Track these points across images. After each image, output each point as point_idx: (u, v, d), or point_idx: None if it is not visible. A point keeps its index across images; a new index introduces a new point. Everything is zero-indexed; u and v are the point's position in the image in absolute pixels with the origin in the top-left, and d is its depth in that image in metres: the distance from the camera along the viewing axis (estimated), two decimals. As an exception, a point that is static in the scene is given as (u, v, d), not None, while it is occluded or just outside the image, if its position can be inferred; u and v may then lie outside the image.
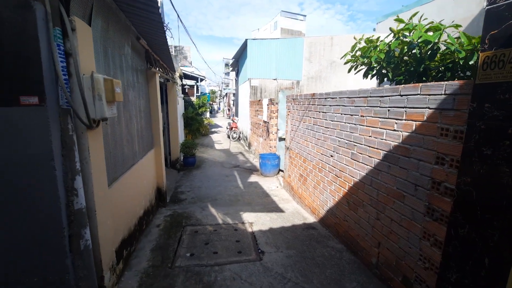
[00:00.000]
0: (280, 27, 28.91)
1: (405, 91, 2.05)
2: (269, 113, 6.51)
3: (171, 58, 4.56)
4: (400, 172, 2.11)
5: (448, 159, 1.70)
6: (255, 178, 5.90)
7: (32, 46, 1.28)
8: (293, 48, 9.30)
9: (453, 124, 1.66)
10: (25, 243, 1.42)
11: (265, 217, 3.75)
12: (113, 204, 2.14)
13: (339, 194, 3.05)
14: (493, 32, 1.40)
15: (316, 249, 2.89)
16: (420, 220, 1.92)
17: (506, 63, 1.35)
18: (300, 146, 4.22)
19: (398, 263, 2.14)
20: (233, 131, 11.26)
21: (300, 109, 4.23)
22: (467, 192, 1.55)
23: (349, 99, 2.83)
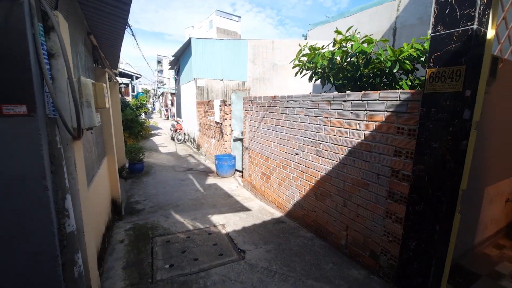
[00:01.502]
0: (216, 27, 28.77)
1: (365, 96, 2.45)
2: (222, 114, 6.53)
3: (118, 55, 4.14)
4: (364, 165, 2.51)
5: (404, 152, 2.13)
6: (213, 180, 5.86)
7: (20, 45, 1.07)
8: (238, 49, 9.47)
9: (407, 124, 2.10)
10: (15, 278, 1.17)
11: (234, 218, 3.82)
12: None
13: (306, 188, 3.37)
14: (436, 53, 1.84)
15: (290, 240, 3.14)
16: (383, 202, 2.34)
17: (446, 78, 1.79)
18: (262, 146, 4.42)
19: (365, 241, 2.54)
20: (178, 133, 10.77)
21: (259, 111, 4.42)
22: (420, 177, 1.99)
23: (313, 102, 3.15)
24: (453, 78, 1.76)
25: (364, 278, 2.42)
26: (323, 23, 11.00)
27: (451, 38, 1.75)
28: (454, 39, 1.74)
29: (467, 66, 1.69)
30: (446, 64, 1.79)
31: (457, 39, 1.73)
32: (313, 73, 4.79)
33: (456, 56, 1.73)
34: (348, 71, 4.34)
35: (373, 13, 8.48)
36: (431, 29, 1.88)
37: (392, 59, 3.67)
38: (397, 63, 3.64)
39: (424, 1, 6.98)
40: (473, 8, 1.63)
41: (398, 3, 7.75)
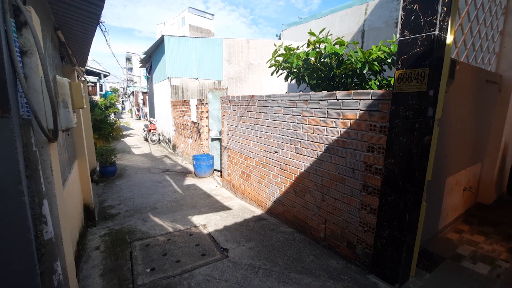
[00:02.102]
0: (189, 24, 28.11)
1: (340, 96, 2.58)
2: (199, 114, 6.44)
3: (87, 52, 3.92)
4: (340, 160, 2.65)
5: (377, 147, 2.29)
6: (191, 180, 5.77)
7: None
8: (213, 48, 9.37)
9: (379, 121, 2.25)
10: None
11: (215, 217, 3.81)
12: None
13: (286, 185, 3.46)
14: (403, 56, 2.01)
15: (272, 236, 3.22)
16: (358, 195, 2.49)
17: (412, 79, 1.96)
18: (240, 145, 4.45)
19: (343, 232, 2.69)
20: (152, 134, 10.40)
21: (238, 110, 4.44)
22: (391, 170, 2.16)
23: (291, 101, 3.24)
24: (418, 79, 1.93)
25: (342, 267, 2.56)
26: (296, 24, 11.26)
27: (416, 43, 1.92)
28: (419, 43, 1.91)
29: (430, 68, 1.87)
30: (412, 66, 1.96)
31: (421, 44, 1.90)
32: (288, 72, 4.93)
33: (421, 59, 1.90)
34: (322, 71, 4.53)
35: (343, 15, 8.85)
36: (398, 33, 2.04)
37: (362, 61, 3.89)
38: (367, 65, 3.87)
39: (389, 6, 7.44)
40: (435, 15, 1.80)
41: (366, 7, 8.17)
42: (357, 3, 8.40)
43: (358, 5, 8.42)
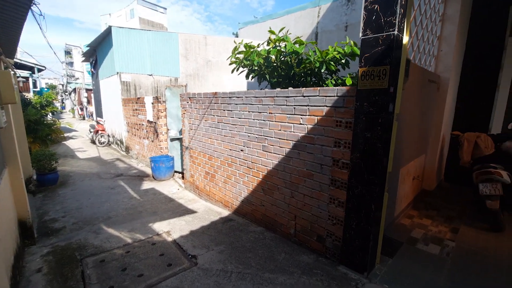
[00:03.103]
0: (139, 17, 26.20)
1: (307, 92, 2.61)
2: (156, 113, 6.01)
3: (17, 40, 3.31)
4: (308, 156, 2.68)
5: (343, 142, 2.36)
6: (149, 184, 5.35)
7: None
8: (168, 43, 8.84)
9: (344, 117, 2.33)
10: None
11: (180, 222, 3.58)
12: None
13: (254, 183, 3.40)
14: (366, 54, 2.09)
15: (242, 237, 3.13)
16: (327, 190, 2.55)
17: (375, 76, 2.05)
18: (204, 144, 4.26)
19: (313, 227, 2.73)
20: (100, 135, 9.41)
21: (200, 108, 4.24)
22: (357, 163, 2.25)
23: (256, 98, 3.18)
24: (380, 77, 2.03)
25: (314, 261, 2.61)
26: (253, 23, 11.30)
27: (378, 41, 2.02)
28: (380, 42, 2.00)
29: (390, 66, 1.98)
30: (374, 64, 2.05)
31: (382, 43, 2.00)
32: (250, 70, 4.87)
33: (382, 57, 2.00)
34: (282, 69, 4.58)
35: (298, 17, 9.13)
36: (361, 32, 2.11)
37: (320, 60, 4.03)
38: (324, 64, 4.02)
39: (339, 10, 7.88)
40: (394, 16, 1.91)
41: (318, 10, 8.53)
42: (310, 6, 8.71)
43: (311, 7, 8.74)
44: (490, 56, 4.18)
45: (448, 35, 3.86)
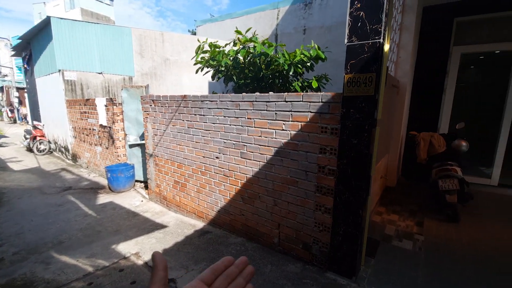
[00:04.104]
0: (80, 7, 23.47)
1: (289, 98, 2.53)
2: (111, 116, 5.37)
3: None
4: (292, 163, 2.61)
5: (329, 149, 2.34)
6: (106, 197, 4.75)
7: None
8: (120, 38, 8.01)
9: (330, 124, 2.30)
10: None
11: (149, 240, 3.21)
12: None
13: (231, 192, 3.22)
14: (352, 61, 2.08)
15: (222, 251, 2.93)
16: (312, 196, 2.51)
17: (361, 83, 2.06)
18: (172, 152, 3.91)
19: (298, 234, 2.68)
20: (39, 142, 8.11)
21: (166, 112, 3.88)
22: (344, 170, 2.25)
23: (233, 102, 3.00)
24: (366, 84, 2.04)
25: (301, 270, 2.55)
26: (212, 21, 10.98)
27: (364, 49, 2.02)
28: (366, 49, 2.01)
29: (376, 74, 2.00)
30: (360, 71, 2.06)
31: (368, 50, 2.01)
32: (216, 71, 4.66)
33: (368, 64, 2.02)
34: (250, 71, 4.48)
35: (258, 17, 9.12)
36: (346, 38, 2.10)
37: (288, 63, 4.03)
38: (292, 66, 4.03)
39: (297, 14, 8.08)
40: (380, 24, 1.93)
41: (277, 12, 8.63)
42: (269, 7, 8.76)
43: (270, 9, 8.79)
44: (437, 62, 4.67)
45: (406, 43, 4.19)
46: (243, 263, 0.45)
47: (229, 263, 0.44)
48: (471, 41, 4.42)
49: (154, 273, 0.37)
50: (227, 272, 0.43)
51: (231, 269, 0.43)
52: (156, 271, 0.38)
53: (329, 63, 4.83)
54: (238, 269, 0.44)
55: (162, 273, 0.37)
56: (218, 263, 0.43)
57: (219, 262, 0.44)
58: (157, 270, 0.38)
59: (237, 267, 0.44)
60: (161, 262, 0.39)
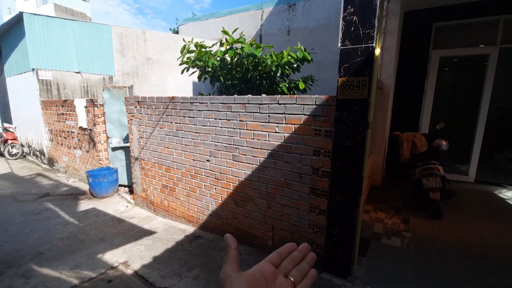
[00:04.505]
0: (53, 3, 22.26)
1: (282, 100, 2.53)
2: (92, 118, 5.12)
3: None
4: (285, 166, 2.61)
5: (323, 151, 2.36)
6: (88, 203, 4.53)
7: None
8: (99, 36, 7.67)
9: (324, 126, 2.33)
10: None
11: (138, 248, 3.09)
12: None
13: (223, 195, 3.17)
14: (345, 65, 2.11)
15: (215, 256, 2.88)
16: (306, 198, 2.52)
17: (354, 86, 2.10)
18: (160, 155, 3.80)
19: (292, 236, 2.68)
20: (11, 145, 7.58)
21: (152, 114, 3.76)
22: (339, 172, 2.28)
23: (224, 104, 2.96)
24: (360, 87, 2.08)
25: (296, 272, 2.55)
26: (194, 20, 10.82)
27: (357, 53, 2.06)
28: (359, 53, 2.05)
29: (369, 77, 2.04)
30: (354, 74, 2.09)
31: (361, 54, 2.05)
32: (202, 71, 4.58)
33: (362, 68, 2.06)
34: (238, 72, 4.45)
35: (242, 18, 9.08)
36: (340, 42, 2.13)
37: (276, 64, 4.04)
38: (279, 68, 4.05)
39: (281, 15, 8.13)
40: (373, 29, 1.97)
41: (261, 12, 8.63)
42: (254, 8, 8.74)
43: (254, 10, 8.78)
44: (418, 65, 4.87)
45: (389, 46, 4.33)
46: (306, 248, 0.48)
47: (292, 248, 0.47)
48: (449, 45, 4.65)
49: (227, 252, 0.43)
50: (292, 256, 0.46)
51: (295, 254, 0.46)
52: (229, 249, 0.43)
53: (312, 64, 4.89)
54: (302, 254, 0.47)
55: (234, 251, 0.43)
56: (283, 248, 0.47)
57: (283, 247, 0.47)
58: (230, 249, 0.43)
59: (300, 252, 0.47)
60: (233, 242, 0.44)
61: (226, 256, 0.43)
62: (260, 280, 0.40)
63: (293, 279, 0.43)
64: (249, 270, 0.42)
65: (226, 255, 0.43)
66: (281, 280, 0.42)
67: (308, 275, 0.45)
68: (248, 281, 0.39)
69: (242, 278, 0.39)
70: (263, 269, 0.42)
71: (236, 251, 0.43)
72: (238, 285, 0.38)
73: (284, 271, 0.44)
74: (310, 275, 0.45)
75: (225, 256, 0.43)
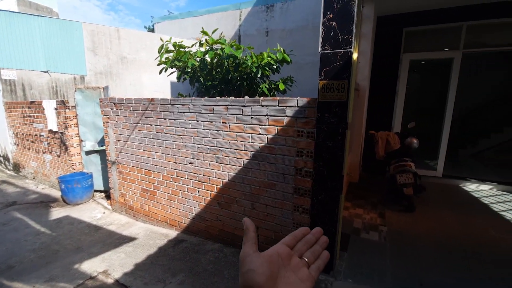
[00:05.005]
0: (14, -5, 20.57)
1: (265, 102, 2.56)
2: (63, 120, 4.84)
3: None
4: (269, 167, 2.65)
5: (305, 152, 2.43)
6: (61, 211, 4.28)
7: None
8: (69, 34, 7.25)
9: (306, 127, 2.39)
10: None
11: (118, 256, 2.98)
12: None
13: (207, 198, 3.15)
14: (326, 68, 2.19)
15: (200, 259, 2.85)
16: (290, 198, 2.58)
17: (334, 89, 2.18)
18: (139, 158, 3.68)
19: (277, 235, 2.73)
20: (-32, 151, 6.93)
21: (130, 116, 3.63)
22: (321, 171, 2.35)
23: (206, 106, 2.93)
24: (339, 90, 2.17)
25: (282, 271, 2.60)
26: (171, 18, 10.58)
27: (336, 57, 2.14)
28: (338, 58, 2.14)
29: (348, 81, 2.14)
30: (334, 78, 2.18)
31: (340, 58, 2.13)
32: (182, 72, 4.51)
33: (341, 72, 2.14)
34: (218, 73, 4.43)
35: (220, 17, 9.01)
36: (320, 46, 2.20)
37: (256, 65, 4.08)
38: (260, 69, 4.09)
39: (259, 16, 8.19)
40: (351, 35, 2.06)
41: (240, 13, 8.63)
42: (232, 8, 8.71)
43: (233, 10, 8.75)
44: (390, 68, 5.15)
45: (364, 49, 4.53)
46: (319, 232, 0.51)
47: (306, 231, 0.50)
48: (418, 49, 4.96)
49: (246, 234, 0.46)
50: (306, 239, 0.49)
51: (309, 237, 0.50)
52: (247, 232, 0.46)
53: (291, 65, 5.00)
54: (315, 237, 0.50)
55: (253, 233, 0.46)
56: (297, 232, 0.50)
57: (297, 230, 0.51)
58: (248, 231, 0.46)
59: (313, 235, 0.50)
60: (251, 225, 0.47)
61: (245, 238, 0.46)
62: (277, 259, 0.43)
63: (307, 259, 0.46)
64: (267, 250, 0.45)
65: (245, 237, 0.46)
66: (296, 260, 0.45)
67: (321, 256, 0.48)
68: (267, 260, 0.42)
69: (261, 257, 0.42)
70: (279, 250, 0.45)
71: (255, 233, 0.46)
72: (258, 263, 0.41)
73: (299, 252, 0.47)
74: (323, 256, 0.48)
75: (244, 237, 0.46)
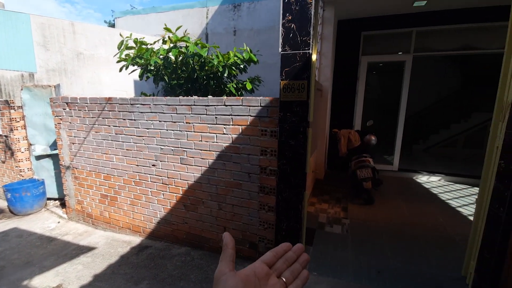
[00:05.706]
0: None
1: (229, 102, 2.55)
2: (7, 122, 4.36)
3: None
4: (234, 167, 2.65)
5: (269, 151, 2.47)
6: (7, 223, 3.85)
7: None
8: (15, 27, 6.54)
9: (269, 127, 2.43)
10: None
11: (74, 268, 2.77)
12: None
13: (172, 201, 3.05)
14: (286, 69, 2.25)
15: (166, 265, 2.76)
16: (256, 197, 2.61)
17: (295, 89, 2.25)
18: (96, 162, 3.45)
19: (244, 235, 2.74)
20: None
21: (86, 116, 3.39)
22: (284, 169, 2.41)
23: (169, 106, 2.84)
24: (300, 90, 2.24)
25: (249, 269, 2.62)
26: (133, 13, 10.07)
27: (296, 58, 2.21)
28: (298, 58, 2.20)
29: (308, 81, 2.21)
30: (294, 78, 2.24)
31: (300, 59, 2.20)
32: (144, 70, 4.33)
33: (301, 72, 2.21)
34: (183, 71, 4.33)
35: (186, 14, 8.79)
36: (280, 47, 2.25)
37: (222, 64, 4.06)
38: (226, 69, 4.08)
39: (227, 15, 8.14)
40: (309, 36, 2.14)
41: (207, 11, 8.51)
42: (198, 5, 8.54)
43: (199, 7, 8.59)
44: (350, 69, 5.44)
45: (326, 51, 4.73)
46: (300, 249, 0.50)
47: (288, 248, 0.49)
48: (375, 52, 5.31)
49: (224, 251, 0.44)
50: (286, 257, 0.48)
51: (289, 254, 0.48)
52: (226, 248, 0.45)
53: (259, 65, 5.04)
54: (296, 254, 0.49)
55: (231, 250, 0.45)
56: (278, 248, 0.49)
57: (278, 247, 0.49)
58: (226, 248, 0.45)
59: (294, 252, 0.49)
60: (231, 241, 0.46)
61: (222, 254, 0.44)
62: (253, 279, 0.42)
63: (285, 279, 0.45)
64: (244, 269, 0.43)
65: (223, 253, 0.44)
66: (273, 280, 0.44)
67: (300, 276, 0.46)
68: (242, 280, 0.40)
69: (236, 277, 0.40)
70: (257, 269, 0.44)
71: (233, 250, 0.45)
72: (232, 283, 0.39)
73: (278, 271, 0.46)
74: (302, 276, 0.47)
75: (222, 254, 0.44)
